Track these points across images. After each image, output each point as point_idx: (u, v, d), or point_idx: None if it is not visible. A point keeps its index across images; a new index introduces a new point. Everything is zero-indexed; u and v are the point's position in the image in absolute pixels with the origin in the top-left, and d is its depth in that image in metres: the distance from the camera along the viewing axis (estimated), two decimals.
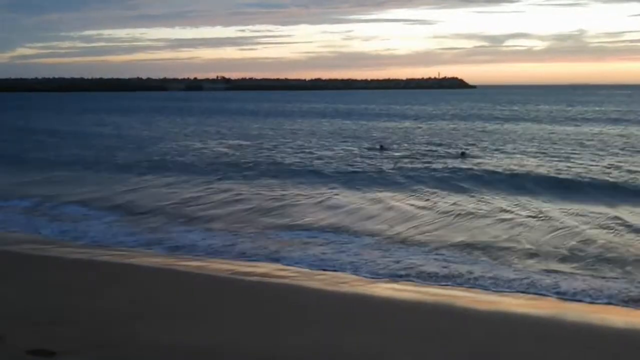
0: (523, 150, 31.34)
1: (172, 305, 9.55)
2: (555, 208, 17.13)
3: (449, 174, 23.54)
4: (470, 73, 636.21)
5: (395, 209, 17.64)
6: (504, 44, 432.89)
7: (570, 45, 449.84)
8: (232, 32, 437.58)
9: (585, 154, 29.30)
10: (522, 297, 10.22)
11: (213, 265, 12.19)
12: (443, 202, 18.56)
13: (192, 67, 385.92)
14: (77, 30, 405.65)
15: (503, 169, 24.29)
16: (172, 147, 36.00)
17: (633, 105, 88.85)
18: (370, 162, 28.03)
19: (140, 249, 13.53)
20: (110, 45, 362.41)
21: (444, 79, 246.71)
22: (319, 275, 11.56)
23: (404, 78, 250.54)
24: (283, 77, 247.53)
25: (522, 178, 22.18)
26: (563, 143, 34.97)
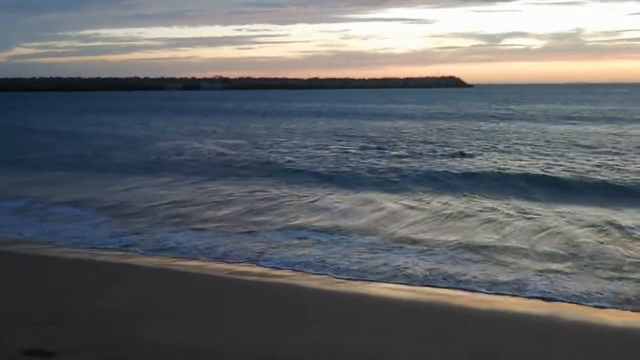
0: (519, 150, 31.31)
1: (172, 305, 9.55)
2: (550, 208, 17.07)
3: (446, 174, 23.43)
4: (468, 72, 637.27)
5: (389, 210, 17.54)
6: (502, 43, 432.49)
7: (568, 44, 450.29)
8: (229, 31, 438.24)
9: (579, 153, 29.29)
10: (519, 297, 10.18)
11: (210, 266, 12.20)
12: (437, 202, 18.42)
13: (189, 66, 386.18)
14: (74, 30, 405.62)
15: (500, 169, 24.23)
16: (168, 146, 35.91)
17: (627, 104, 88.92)
18: (367, 161, 27.97)
19: (118, 250, 13.41)
20: (108, 45, 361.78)
21: (442, 78, 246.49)
22: (304, 277, 11.47)
23: (402, 77, 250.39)
24: (281, 76, 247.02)
25: (517, 178, 22.06)
26: (558, 142, 34.94)
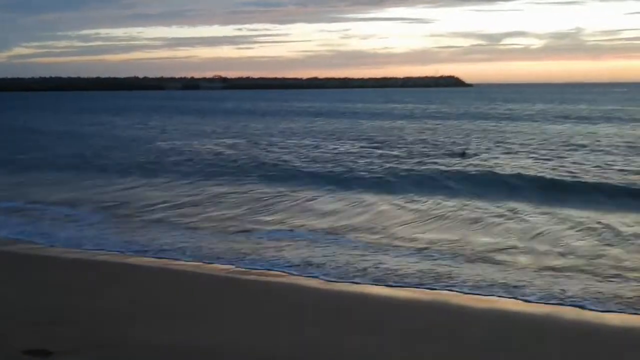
0: (516, 150, 31.19)
1: (171, 305, 9.59)
2: (547, 210, 17.03)
3: (445, 174, 23.30)
4: (468, 71, 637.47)
5: (383, 211, 17.55)
6: (501, 43, 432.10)
7: (567, 44, 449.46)
8: (229, 31, 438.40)
9: (576, 153, 29.23)
10: (516, 298, 10.13)
11: (208, 266, 12.23)
12: (434, 203, 18.35)
13: (189, 66, 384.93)
14: (74, 30, 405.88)
15: (497, 170, 24.14)
16: (166, 146, 35.92)
17: (626, 103, 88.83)
18: (364, 161, 27.92)
19: (116, 250, 13.42)
20: (108, 45, 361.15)
21: (441, 78, 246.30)
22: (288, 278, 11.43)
23: (402, 76, 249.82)
24: (280, 76, 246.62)
25: (514, 179, 21.89)
26: (555, 142, 34.87)
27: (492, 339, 8.33)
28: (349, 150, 32.57)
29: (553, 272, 11.40)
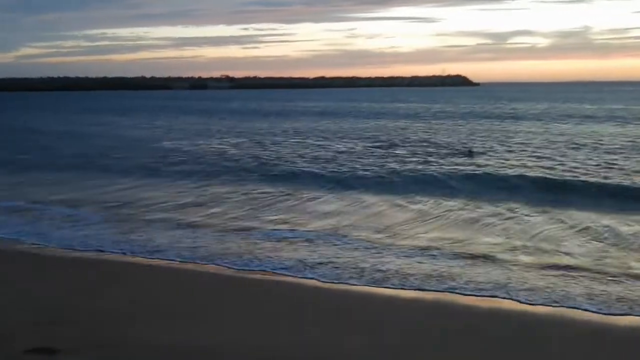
0: (521, 149, 31.06)
1: (172, 305, 9.62)
2: (549, 210, 17.00)
3: (448, 175, 23.22)
4: (474, 70, 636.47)
5: (387, 211, 17.54)
6: (508, 42, 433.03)
7: (575, 42, 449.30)
8: (235, 30, 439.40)
9: (580, 153, 29.05)
10: (519, 300, 10.09)
11: (208, 266, 12.27)
12: (437, 204, 18.30)
13: (196, 65, 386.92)
14: (80, 30, 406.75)
15: (502, 170, 24.04)
16: (170, 146, 35.98)
17: (633, 102, 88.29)
18: (369, 161, 27.85)
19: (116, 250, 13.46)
20: (114, 44, 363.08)
21: (448, 77, 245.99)
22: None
23: (408, 76, 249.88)
24: (287, 75, 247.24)
25: (518, 179, 21.79)
26: (559, 141, 34.71)
27: (494, 341, 8.35)
28: (353, 150, 32.50)
29: (556, 273, 11.37)
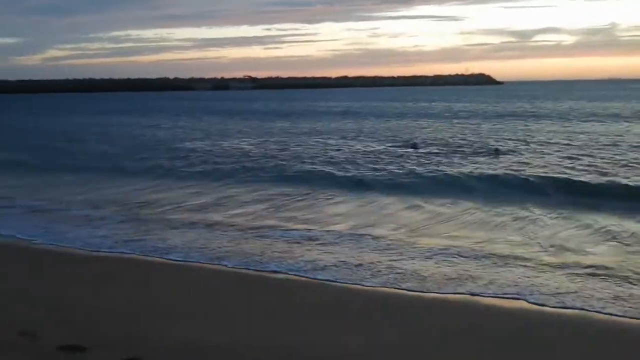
0: (544, 150, 30.49)
1: (191, 304, 9.80)
2: (572, 213, 16.65)
3: (469, 175, 22.95)
4: (498, 69, 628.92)
5: (407, 212, 17.42)
6: (532, 39, 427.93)
7: (601, 40, 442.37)
8: (258, 31, 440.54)
9: (605, 153, 28.31)
10: (534, 303, 9.99)
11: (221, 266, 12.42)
12: (458, 205, 18.11)
13: (218, 66, 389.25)
14: (105, 31, 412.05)
15: (525, 170, 23.69)
16: (189, 147, 36.20)
17: None
18: (394, 160, 27.66)
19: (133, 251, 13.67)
20: (138, 46, 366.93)
21: (471, 76, 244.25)
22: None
23: (431, 75, 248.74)
24: (309, 75, 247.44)
25: (541, 179, 21.43)
26: (584, 140, 34.09)
27: (512, 343, 8.32)
28: (374, 150, 32.36)
29: (577, 276, 11.21)
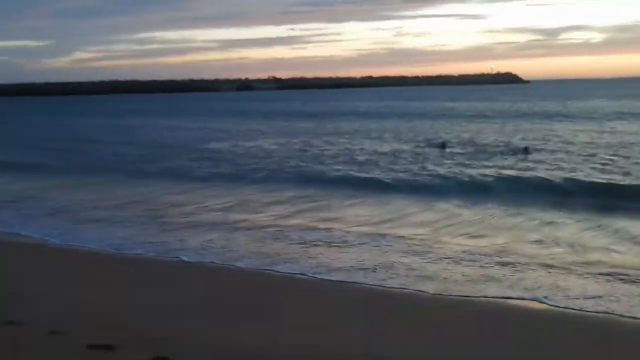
0: (571, 150, 29.90)
1: (227, 305, 9.92)
2: (598, 216, 16.31)
3: (500, 177, 22.67)
4: (524, 68, 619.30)
5: (431, 215, 17.21)
6: (560, 37, 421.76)
7: (631, 37, 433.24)
8: (282, 31, 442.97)
9: (636, 154, 27.72)
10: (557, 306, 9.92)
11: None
12: (482, 207, 17.99)
13: (243, 67, 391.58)
14: (131, 34, 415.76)
15: (552, 171, 23.30)
16: (210, 148, 36.41)
17: None
18: (422, 162, 27.43)
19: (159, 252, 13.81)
20: (163, 48, 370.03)
21: (497, 74, 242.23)
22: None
23: (457, 74, 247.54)
24: (334, 75, 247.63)
25: (568, 182, 21.09)
26: (615, 142, 33.30)
27: (533, 346, 8.27)
28: (398, 150, 32.10)
29: (600, 279, 11.09)
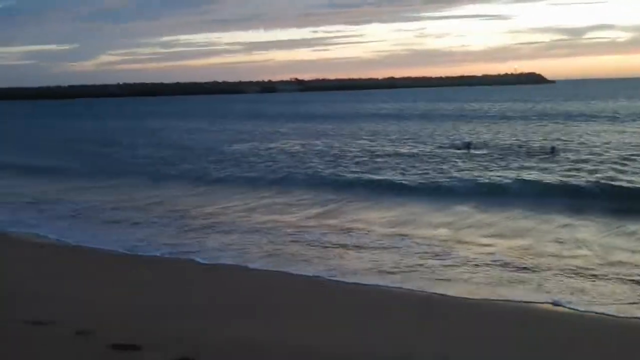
0: (597, 153, 29.11)
1: (249, 305, 10.05)
2: (626, 221, 15.92)
3: (520, 179, 22.37)
4: (549, 67, 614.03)
5: (450, 218, 17.10)
6: (585, 37, 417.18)
7: None
8: (305, 33, 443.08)
9: None
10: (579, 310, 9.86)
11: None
12: (504, 211, 17.72)
13: (266, 69, 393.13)
14: (156, 37, 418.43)
15: (577, 174, 22.83)
16: (236, 150, 36.62)
17: None
18: (445, 163, 27.22)
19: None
20: (188, 50, 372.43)
21: (521, 75, 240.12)
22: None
23: (480, 74, 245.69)
24: (356, 76, 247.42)
25: (592, 185, 20.64)
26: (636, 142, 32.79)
27: (552, 350, 8.26)
28: (422, 153, 31.91)
29: (623, 283, 10.99)
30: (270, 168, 28.31)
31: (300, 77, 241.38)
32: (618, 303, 10.04)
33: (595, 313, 9.61)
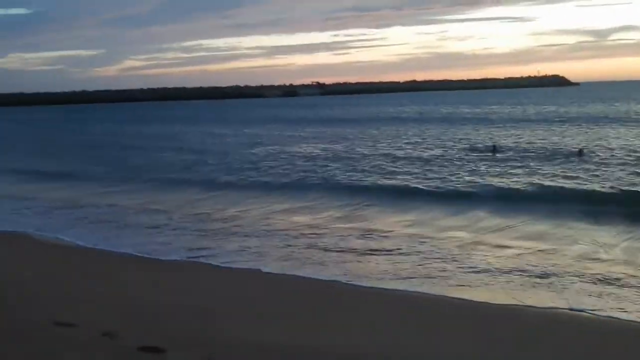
0: (621, 155, 28.83)
1: (270, 309, 10.10)
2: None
3: (540, 185, 22.05)
4: (573, 70, 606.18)
5: (467, 224, 16.92)
6: (610, 38, 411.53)
7: None
8: (326, 37, 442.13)
9: None
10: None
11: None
12: (526, 217, 17.35)
13: (287, 73, 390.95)
14: (178, 42, 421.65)
15: (598, 181, 22.34)
16: (258, 154, 36.70)
17: None
18: (470, 168, 26.93)
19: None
20: (210, 55, 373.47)
21: (545, 77, 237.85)
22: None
23: (502, 77, 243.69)
24: (377, 80, 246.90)
25: (610, 190, 20.38)
26: None
27: (574, 355, 8.26)
28: (444, 157, 31.58)
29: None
30: (288, 172, 28.35)
31: (322, 80, 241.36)
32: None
33: (617, 319, 9.53)
